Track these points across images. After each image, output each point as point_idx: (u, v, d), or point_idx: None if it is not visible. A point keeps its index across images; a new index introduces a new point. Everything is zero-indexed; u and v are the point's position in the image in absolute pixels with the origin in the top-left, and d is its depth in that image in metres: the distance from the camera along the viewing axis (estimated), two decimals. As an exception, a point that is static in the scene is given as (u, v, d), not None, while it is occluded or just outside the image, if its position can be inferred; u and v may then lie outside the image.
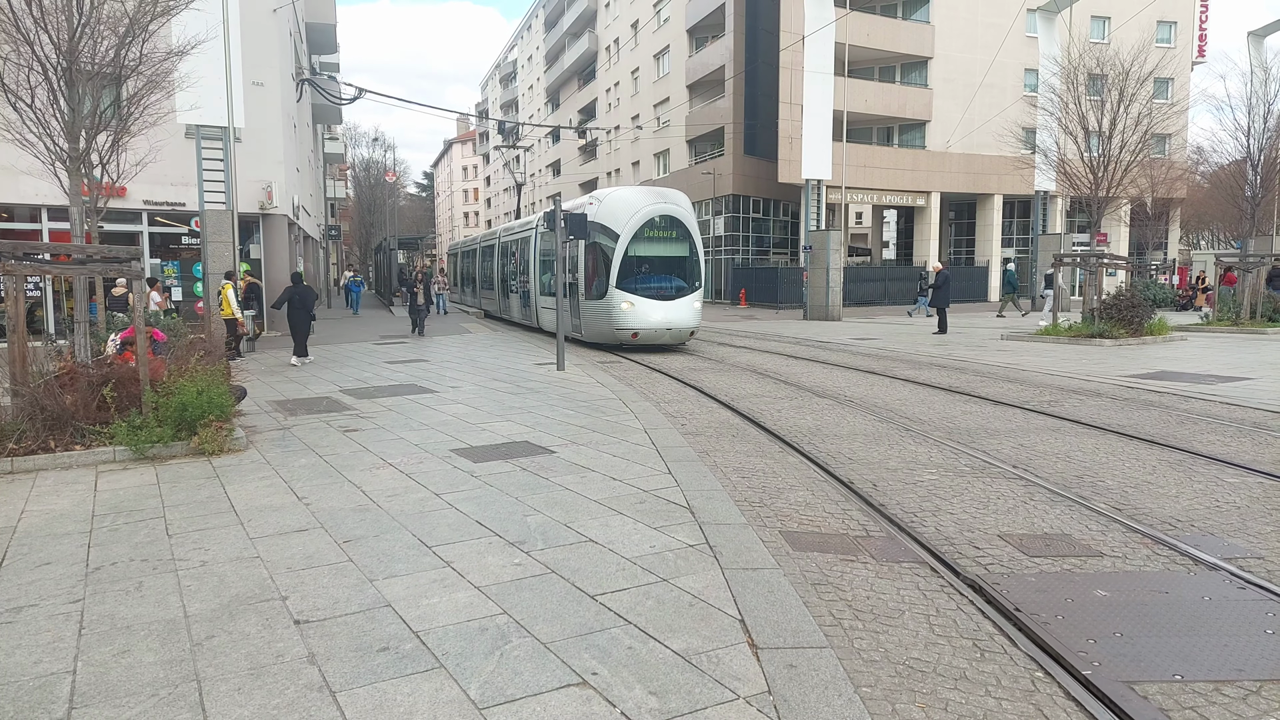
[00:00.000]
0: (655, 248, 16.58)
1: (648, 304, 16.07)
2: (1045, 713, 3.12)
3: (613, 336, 16.42)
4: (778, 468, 6.87)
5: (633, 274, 16.18)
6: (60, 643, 3.50)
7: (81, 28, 9.09)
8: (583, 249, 16.71)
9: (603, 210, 16.53)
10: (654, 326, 16.13)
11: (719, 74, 39.68)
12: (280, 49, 21.12)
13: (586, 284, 16.87)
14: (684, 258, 16.85)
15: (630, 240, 16.06)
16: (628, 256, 16.10)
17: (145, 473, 6.49)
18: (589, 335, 17.25)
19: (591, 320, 16.93)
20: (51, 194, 12.06)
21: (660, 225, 16.49)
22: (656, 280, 16.42)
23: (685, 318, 16.49)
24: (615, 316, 16.07)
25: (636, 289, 16.11)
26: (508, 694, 3.03)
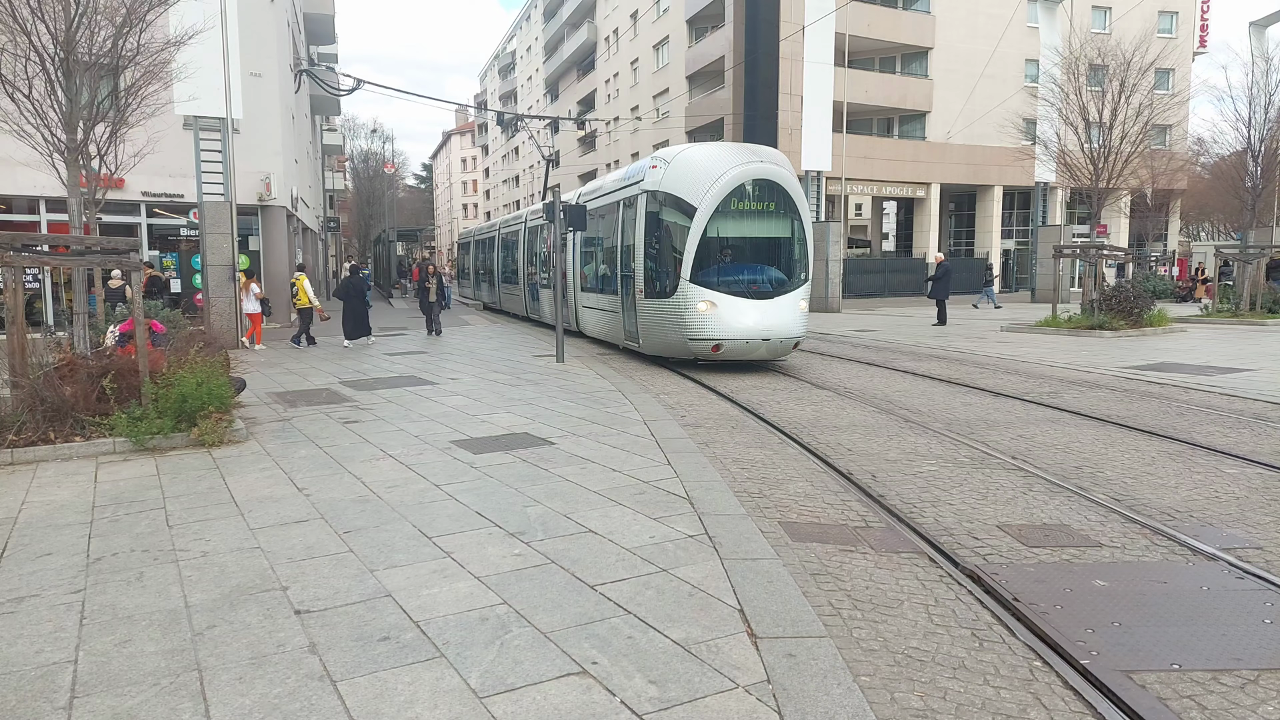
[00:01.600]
0: (747, 225, 12.07)
1: (735, 304, 11.56)
2: (1044, 701, 3.14)
3: (684, 348, 11.91)
4: (777, 459, 6.87)
5: (714, 262, 11.76)
6: (62, 633, 3.51)
7: (78, 18, 9.05)
8: (640, 229, 12.49)
9: (672, 175, 12.05)
10: (744, 335, 11.57)
11: (718, 65, 39.54)
12: (278, 39, 21.03)
13: (647, 277, 12.42)
14: (785, 239, 12.32)
15: (712, 216, 11.57)
16: (707, 239, 11.62)
17: (145, 464, 6.50)
18: (649, 345, 12.83)
19: (653, 326, 12.43)
20: (49, 185, 12.03)
21: (754, 194, 11.92)
22: (747, 271, 12.03)
23: (787, 323, 11.77)
24: (689, 321, 11.60)
25: (719, 283, 11.64)
26: (508, 683, 3.05)
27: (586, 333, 16.52)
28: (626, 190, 13.55)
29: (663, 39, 45.86)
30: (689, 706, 2.90)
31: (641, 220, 12.47)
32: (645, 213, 12.40)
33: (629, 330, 13.47)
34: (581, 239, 16.20)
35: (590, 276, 16.05)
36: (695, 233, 11.53)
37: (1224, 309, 21.28)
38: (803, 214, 12.20)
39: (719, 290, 11.59)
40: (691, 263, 11.56)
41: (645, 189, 12.44)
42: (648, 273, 12.44)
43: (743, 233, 12.08)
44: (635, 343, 13.39)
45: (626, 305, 13.40)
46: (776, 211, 12.08)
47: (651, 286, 12.37)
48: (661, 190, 12.07)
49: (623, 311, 13.63)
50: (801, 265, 12.28)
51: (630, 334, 13.46)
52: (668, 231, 12.10)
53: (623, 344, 14.14)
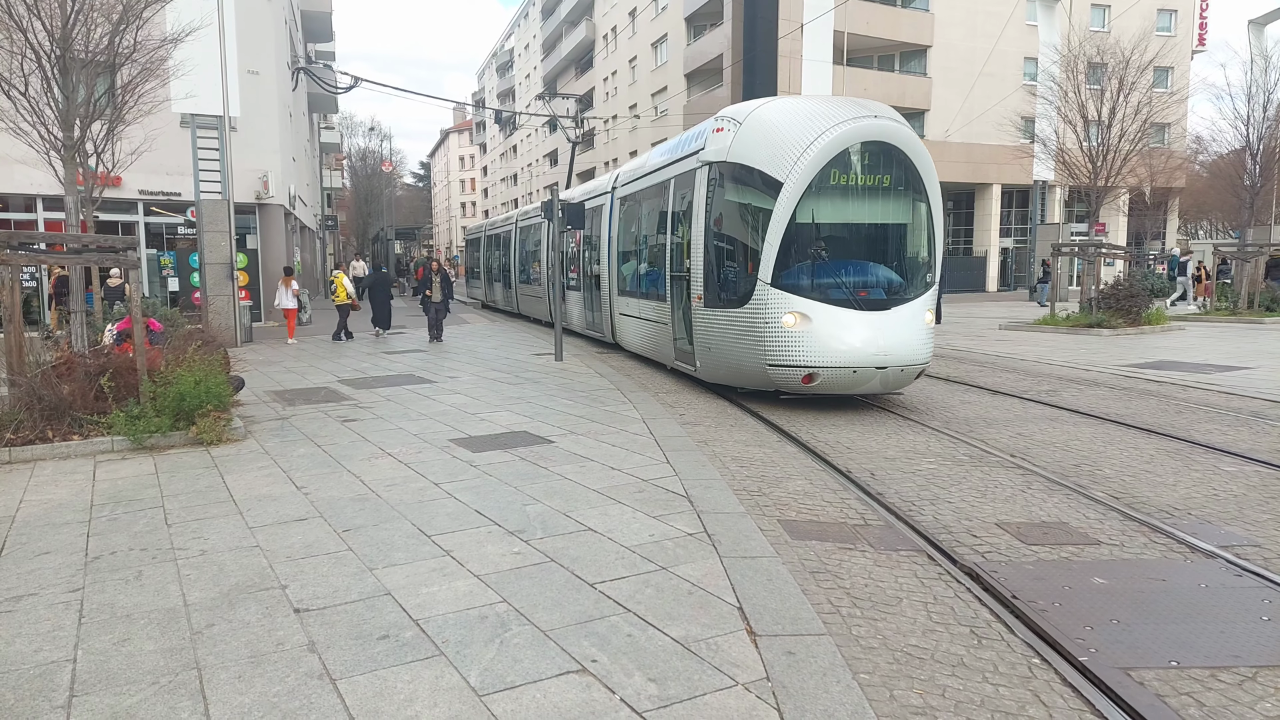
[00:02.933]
0: (854, 207, 8.80)
1: (837, 317, 8.37)
2: (1042, 699, 3.14)
3: (760, 377, 8.82)
4: (776, 457, 6.87)
5: (805, 258, 8.59)
6: (60, 631, 3.50)
7: (75, 15, 9.03)
8: (699, 215, 9.51)
9: (745, 139, 8.91)
10: (850, 362, 8.31)
11: (717, 62, 39.51)
12: (275, 37, 20.99)
13: (708, 279, 9.34)
14: (906, 227, 9.02)
15: (805, 194, 8.39)
16: (797, 226, 8.47)
17: (144, 462, 6.49)
18: (709, 370, 9.71)
19: (716, 345, 9.31)
20: (46, 183, 12.01)
21: (865, 164, 8.69)
22: (853, 271, 8.76)
23: (910, 343, 8.51)
24: (769, 341, 8.45)
25: (814, 288, 8.48)
26: (508, 681, 3.04)
27: (624, 346, 13.65)
28: (679, 165, 10.56)
29: (661, 37, 45.82)
30: (689, 704, 2.90)
31: (700, 202, 9.46)
32: (706, 192, 9.38)
33: (681, 348, 10.35)
34: (620, 229, 13.43)
35: (630, 277, 12.99)
36: (780, 218, 8.34)
37: (1222, 307, 21.31)
38: (931, 192, 8.90)
39: (813, 298, 8.32)
40: (774, 260, 8.37)
41: (706, 160, 9.40)
42: (709, 273, 9.30)
43: (848, 217, 8.77)
44: (689, 364, 10.08)
45: (678, 315, 10.39)
46: (896, 188, 8.77)
47: (714, 292, 9.20)
48: (730, 161, 8.98)
49: (673, 323, 10.57)
50: (929, 263, 8.98)
51: (683, 353, 10.31)
52: (739, 217, 9.07)
53: (672, 364, 10.92)
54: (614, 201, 13.91)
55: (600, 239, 14.34)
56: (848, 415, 8.63)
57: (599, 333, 15.01)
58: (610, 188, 14.33)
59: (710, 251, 9.36)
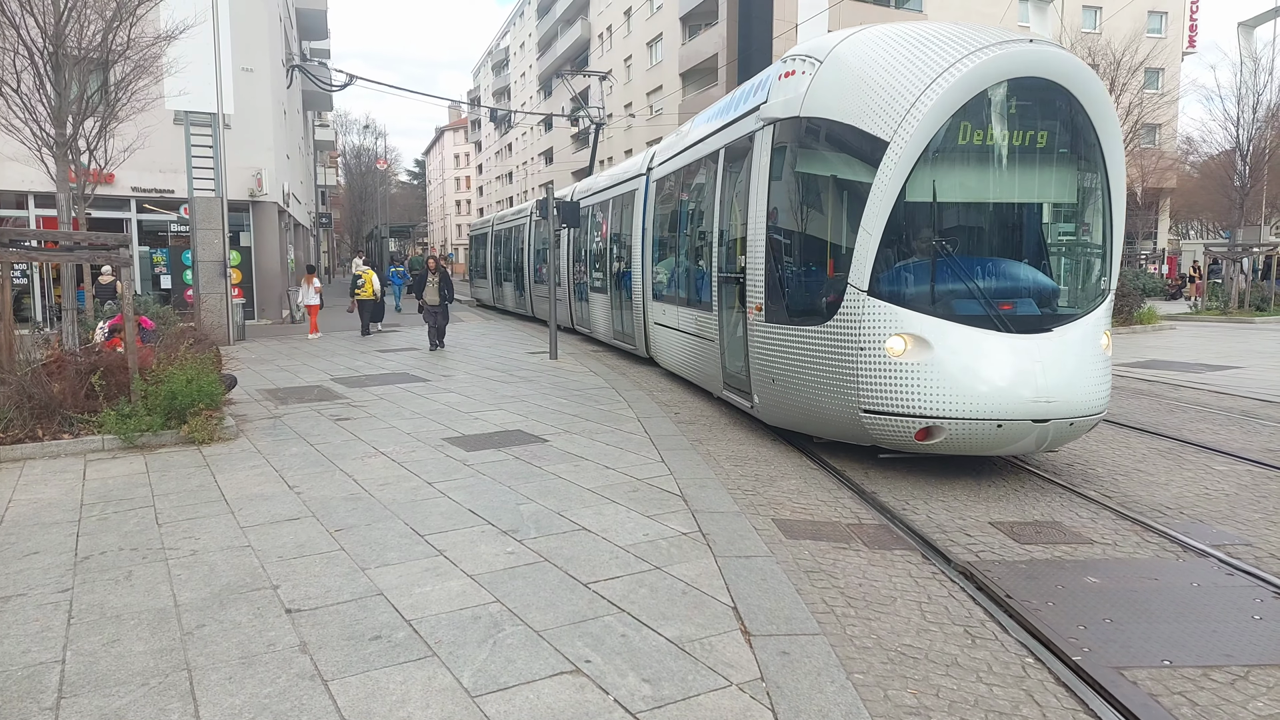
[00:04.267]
0: (995, 179, 6.09)
1: (971, 342, 5.74)
2: (1036, 698, 3.14)
3: (852, 425, 6.24)
4: (770, 455, 6.87)
5: (920, 253, 6.06)
6: (49, 632, 3.47)
7: (68, 11, 8.98)
8: (759, 193, 7.04)
9: (831, 83, 6.38)
10: (994, 411, 5.62)
11: (712, 62, 39.52)
12: (270, 34, 20.90)
13: (772, 282, 6.88)
14: (1072, 209, 6.43)
15: (922, 158, 5.81)
16: (910, 207, 5.94)
17: (134, 461, 6.45)
18: (771, 408, 7.21)
19: (787, 375, 6.78)
20: (38, 180, 11.93)
21: (1014, 114, 5.95)
22: (993, 273, 6.20)
23: (1082, 382, 5.81)
24: (867, 375, 5.94)
25: (934, 298, 5.94)
26: (501, 682, 3.03)
27: (661, 363, 11.41)
28: (730, 130, 8.05)
29: (656, 36, 45.80)
30: (682, 705, 2.89)
31: (759, 177, 6.99)
32: (769, 162, 6.89)
33: (733, 374, 8.01)
34: (655, 219, 11.32)
35: (668, 278, 10.71)
36: (884, 195, 5.73)
37: (1213, 306, 21.40)
38: (1111, 156, 6.06)
39: (934, 313, 5.74)
40: (872, 257, 5.80)
41: (768, 117, 6.86)
42: (772, 275, 6.79)
43: (987, 193, 6.04)
44: (743, 397, 7.64)
45: (728, 330, 8.06)
46: (1059, 150, 6.01)
47: (780, 301, 6.71)
48: (805, 115, 6.42)
49: (721, 340, 8.28)
50: (1105, 262, 6.25)
51: (735, 381, 7.95)
52: (817, 195, 6.64)
53: (720, 393, 8.49)
54: (649, 186, 11.49)
55: (631, 232, 12.10)
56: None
57: (629, 344, 12.66)
58: (644, 169, 11.92)
59: (774, 245, 6.80)
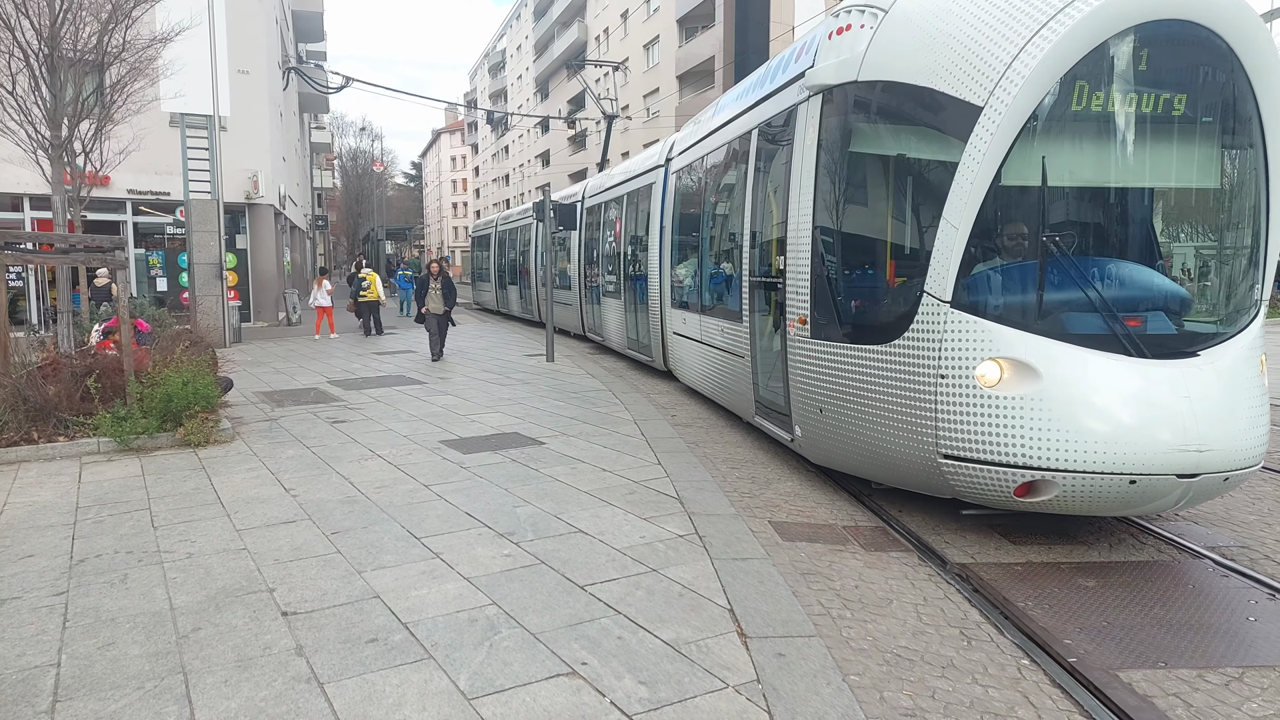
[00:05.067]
0: (1120, 157, 4.56)
1: (1093, 369, 4.27)
2: (1032, 700, 3.15)
3: (928, 473, 4.81)
4: (767, 458, 6.88)
5: (1019, 253, 4.64)
6: (44, 635, 3.46)
7: (63, 13, 8.98)
8: (803, 180, 5.77)
9: (901, 38, 4.98)
10: (1126, 462, 4.13)
11: (709, 64, 39.59)
12: (266, 36, 20.89)
13: (821, 289, 5.57)
14: (1221, 196, 4.88)
15: (1025, 130, 4.37)
16: (1007, 194, 4.57)
17: (130, 464, 6.43)
18: (816, 443, 5.87)
19: (839, 405, 5.42)
20: (33, 182, 11.92)
21: (1146, 71, 4.38)
22: (1119, 279, 4.67)
23: (1238, 422, 4.26)
24: (949, 409, 4.55)
25: (1041, 310, 4.55)
26: (497, 684, 3.03)
27: (682, 378, 10.08)
28: (766, 105, 6.78)
29: (653, 38, 45.87)
30: (679, 707, 2.89)
31: (803, 158, 5.76)
32: (816, 138, 5.65)
33: (768, 399, 6.73)
34: (675, 215, 10.05)
35: (689, 282, 9.40)
36: (974, 178, 4.45)
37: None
38: (1273, 126, 4.63)
39: (1041, 330, 4.49)
40: (958, 257, 4.54)
41: (817, 84, 5.57)
42: (820, 280, 5.56)
43: (1109, 175, 4.72)
44: (781, 427, 6.41)
45: (764, 345, 6.84)
46: (1203, 119, 4.66)
47: (831, 312, 5.48)
48: (865, 80, 5.17)
49: (754, 358, 7.03)
50: (1258, 264, 4.81)
51: (771, 406, 6.66)
52: (881, 179, 5.39)
53: (752, 419, 7.24)
54: (667, 179, 10.41)
55: (648, 230, 10.92)
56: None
57: (646, 356, 11.51)
58: (662, 160, 10.73)
59: (823, 243, 5.51)
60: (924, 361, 4.67)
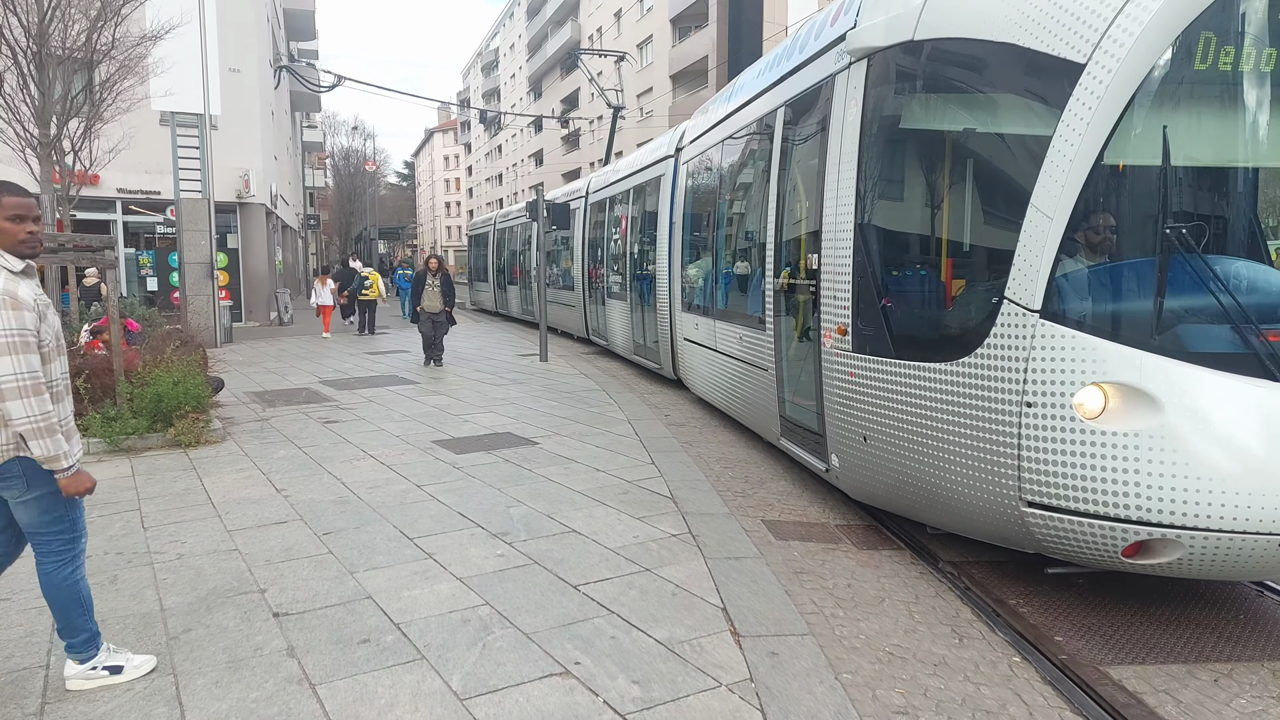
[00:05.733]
0: (1259, 133, 3.68)
1: (1229, 396, 3.39)
2: (1023, 697, 3.16)
3: (1009, 524, 3.84)
4: (760, 457, 6.89)
5: (1128, 250, 3.79)
6: (33, 637, 3.44)
7: (51, 11, 8.92)
8: (843, 162, 4.87)
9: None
10: (1260, 523, 3.23)
11: (702, 64, 39.62)
12: (257, 35, 20.81)
13: (865, 293, 4.70)
14: None
15: (1141, 93, 3.50)
16: (1113, 176, 3.69)
17: (120, 465, 6.40)
18: (857, 475, 4.97)
19: (889, 433, 4.50)
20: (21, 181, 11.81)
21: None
22: (1256, 284, 3.77)
23: None
24: (1041, 447, 3.60)
25: (1159, 322, 3.58)
26: (490, 684, 3.02)
27: (693, 389, 9.31)
28: (795, 79, 5.95)
29: (646, 38, 45.86)
30: (672, 706, 2.89)
31: (845, 139, 4.95)
32: (862, 114, 4.82)
33: (797, 419, 5.88)
34: (687, 209, 9.19)
35: (702, 283, 8.64)
36: (1073, 155, 3.54)
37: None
38: None
39: (1162, 349, 3.52)
40: (1052, 254, 3.60)
41: (863, 46, 4.80)
42: (867, 283, 4.75)
43: (1241, 154, 3.91)
44: (815, 454, 5.56)
45: (792, 357, 5.99)
46: None
47: (879, 321, 4.66)
48: (926, 37, 4.36)
49: (780, 370, 6.17)
50: None
51: (800, 429, 5.82)
52: (946, 159, 4.56)
53: (779, 442, 6.33)
54: (677, 170, 9.69)
55: (656, 226, 10.21)
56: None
57: (654, 363, 10.85)
58: (672, 149, 10.02)
59: (869, 238, 4.72)
60: (1003, 385, 3.76)
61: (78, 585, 3.00)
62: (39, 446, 2.70)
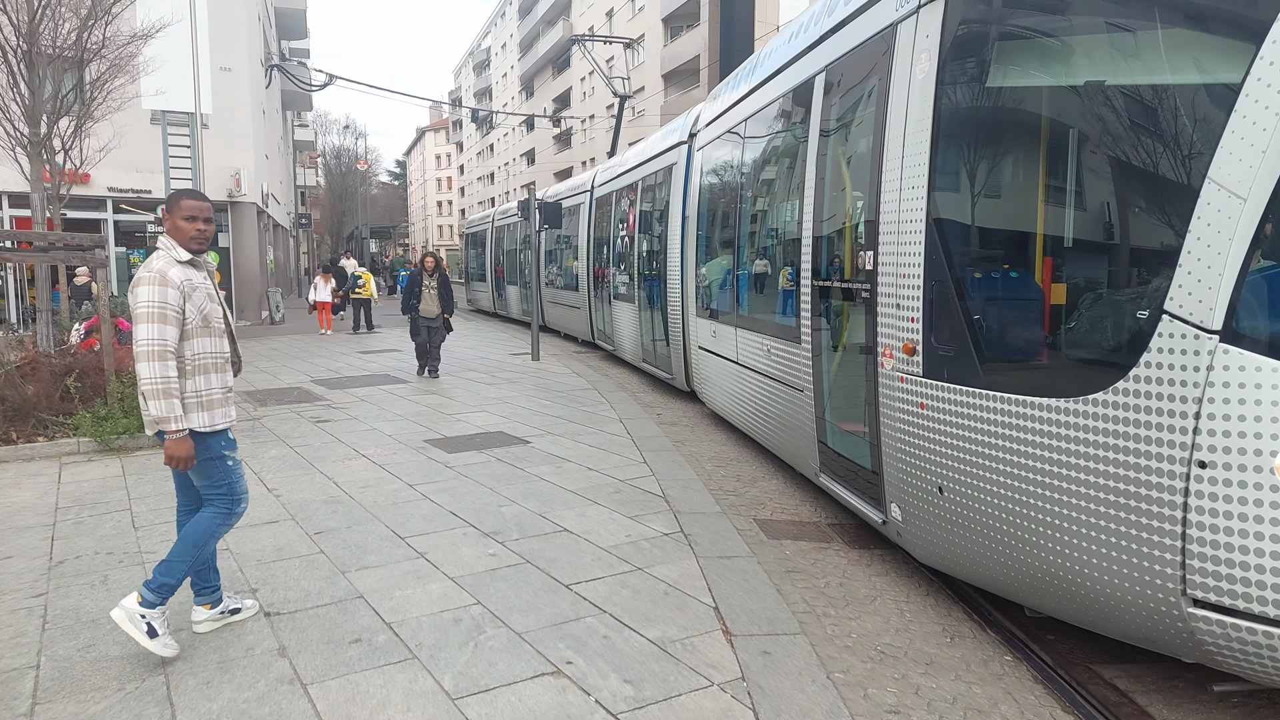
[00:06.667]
0: None
1: None
2: (1014, 696, 3.18)
3: (1160, 624, 2.81)
4: (751, 456, 6.90)
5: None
6: (23, 638, 3.42)
7: (42, 9, 8.86)
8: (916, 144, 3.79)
9: None
10: None
11: (694, 63, 39.65)
12: (249, 33, 20.72)
13: (942, 305, 3.63)
14: None
15: None
16: None
17: (111, 464, 6.37)
18: (931, 538, 3.86)
19: (979, 487, 3.43)
20: (11, 180, 11.77)
21: None
22: None
23: None
24: (1222, 526, 2.57)
25: None
26: (482, 684, 3.02)
27: (708, 401, 8.31)
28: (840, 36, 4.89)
29: (638, 37, 45.84)
30: (664, 705, 2.90)
31: (911, 105, 3.87)
32: (939, 70, 3.68)
33: (842, 453, 4.92)
34: (703, 201, 8.23)
35: (720, 285, 7.66)
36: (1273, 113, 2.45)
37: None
38: None
39: None
40: (1242, 250, 2.53)
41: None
42: (946, 290, 3.63)
43: None
44: (868, 503, 4.52)
45: (836, 377, 5.04)
46: None
47: (964, 339, 3.55)
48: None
49: (820, 392, 5.13)
50: None
51: (844, 465, 4.90)
52: (1067, 123, 3.37)
53: (816, 478, 5.32)
54: (691, 157, 8.80)
55: (667, 220, 9.35)
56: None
57: (664, 372, 9.92)
58: (685, 135, 9.12)
59: (949, 229, 3.74)
60: (1161, 434, 2.72)
61: (206, 534, 3.30)
62: (154, 406, 3.00)
